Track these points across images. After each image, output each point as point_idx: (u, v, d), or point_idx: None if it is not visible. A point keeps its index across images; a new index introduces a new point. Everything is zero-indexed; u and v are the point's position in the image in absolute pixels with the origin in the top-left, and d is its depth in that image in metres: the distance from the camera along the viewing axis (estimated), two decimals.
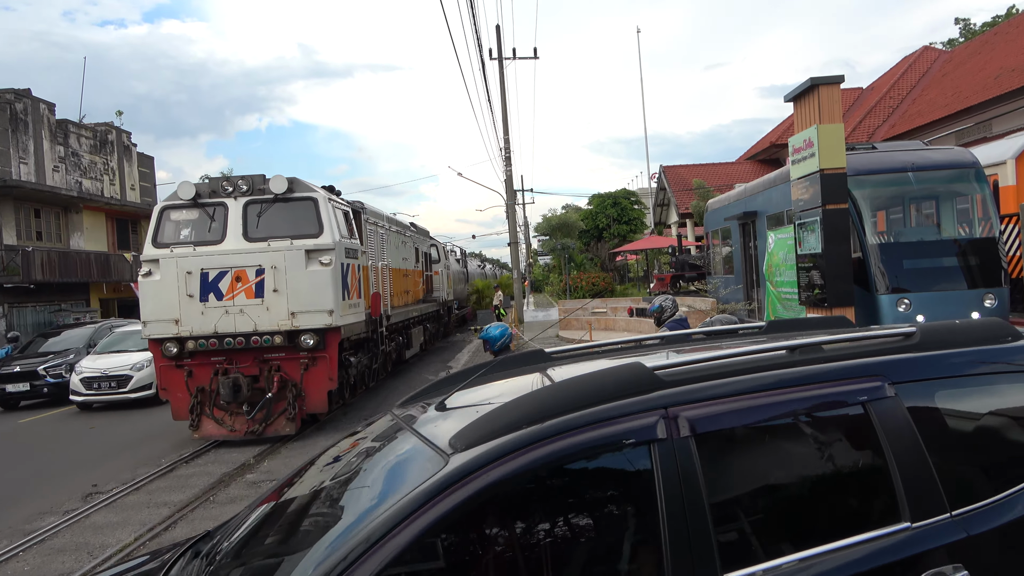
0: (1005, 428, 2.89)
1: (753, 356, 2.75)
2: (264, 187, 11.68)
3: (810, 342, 2.83)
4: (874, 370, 2.70)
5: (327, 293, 11.46)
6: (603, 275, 33.28)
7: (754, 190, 17.52)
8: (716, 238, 21.37)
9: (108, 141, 31.44)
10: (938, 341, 2.87)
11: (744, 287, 18.28)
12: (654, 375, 2.55)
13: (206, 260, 11.43)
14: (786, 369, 2.66)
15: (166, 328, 11.51)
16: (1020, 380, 2.93)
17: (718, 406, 2.52)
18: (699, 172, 39.51)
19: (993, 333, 2.98)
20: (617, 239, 42.19)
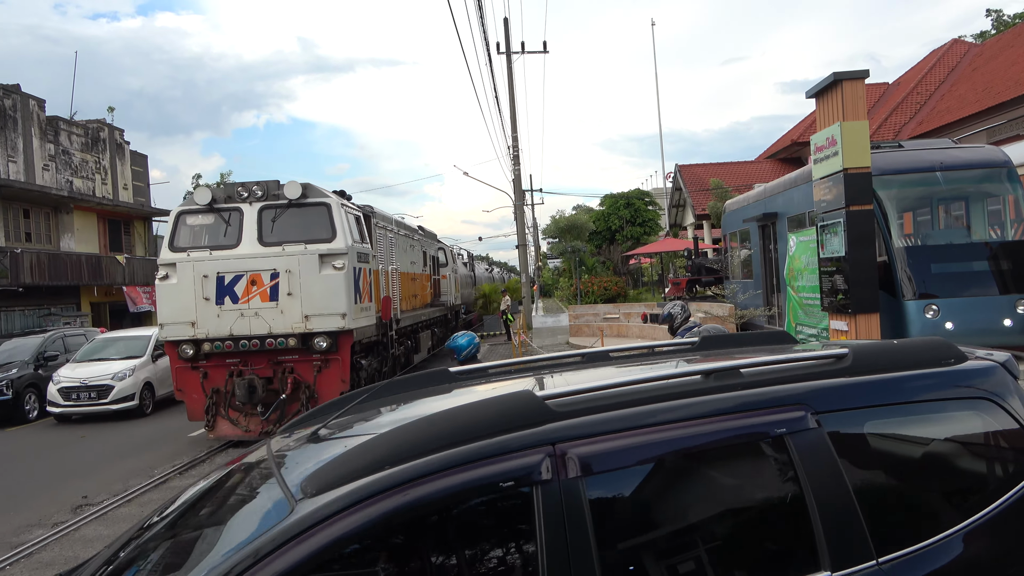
0: (943, 463, 2.74)
1: (663, 383, 2.57)
2: (278, 192, 12.41)
3: (728, 366, 2.66)
4: (796, 398, 2.53)
5: (340, 297, 12.12)
6: (616, 279, 33.25)
7: (774, 190, 17.48)
8: (734, 241, 21.31)
9: (100, 139, 31.64)
10: (871, 364, 2.71)
11: (763, 292, 18.22)
12: (544, 406, 2.35)
13: (222, 264, 12.14)
14: (697, 398, 2.48)
15: (183, 330, 12.19)
16: (961, 408, 2.77)
17: (615, 441, 2.32)
18: (717, 171, 39.45)
19: (934, 355, 2.83)
20: (630, 241, 42.16)
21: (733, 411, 2.47)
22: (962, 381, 2.78)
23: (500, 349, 24.65)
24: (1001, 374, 2.83)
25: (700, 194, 37.57)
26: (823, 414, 2.52)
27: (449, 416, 2.37)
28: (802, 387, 2.58)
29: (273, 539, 2.05)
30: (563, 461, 2.25)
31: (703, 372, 2.63)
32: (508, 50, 29.45)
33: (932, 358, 2.81)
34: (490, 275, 53.67)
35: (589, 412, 2.39)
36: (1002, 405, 2.74)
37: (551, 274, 73.02)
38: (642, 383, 2.55)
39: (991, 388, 2.77)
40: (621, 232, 42.69)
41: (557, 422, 2.33)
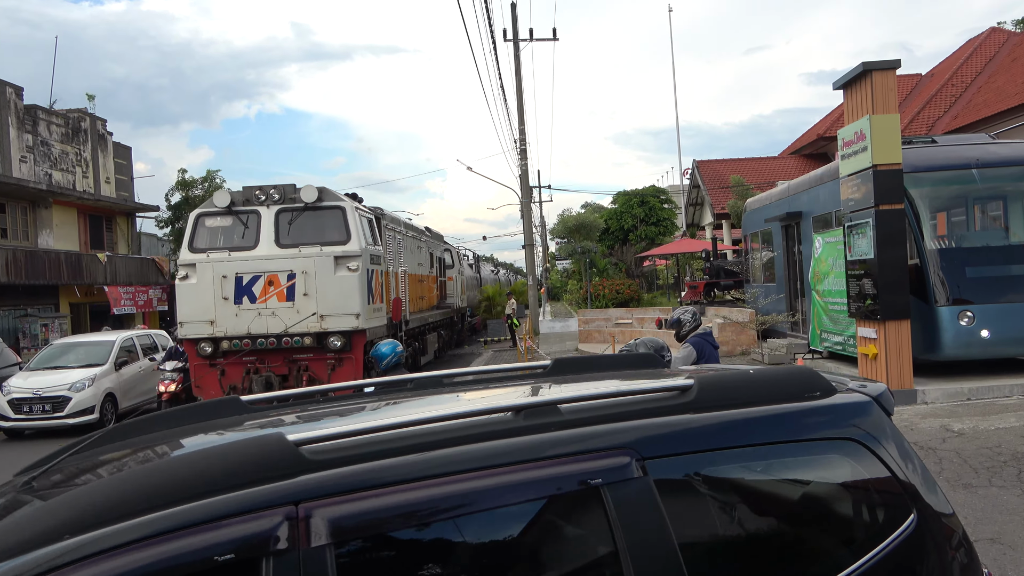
0: (797, 519, 2.53)
1: (461, 423, 2.28)
2: (295, 196, 13.68)
3: (544, 402, 2.39)
4: (619, 441, 2.27)
5: (354, 297, 13.34)
6: (628, 282, 33.27)
7: (799, 188, 17.49)
8: (756, 241, 21.32)
9: (81, 129, 31.80)
10: (718, 399, 2.48)
11: (787, 297, 18.23)
12: (295, 453, 2.02)
13: (240, 265, 13.37)
14: (497, 442, 2.20)
15: (202, 329, 13.39)
16: (824, 451, 2.54)
17: (381, 498, 2.00)
18: (737, 168, 39.45)
19: (795, 387, 2.60)
20: (644, 242, 42.14)
21: (541, 458, 2.18)
22: (825, 419, 2.55)
23: (505, 356, 24.71)
24: (872, 411, 2.62)
25: (719, 192, 37.58)
26: (651, 460, 2.26)
27: (165, 468, 2.04)
28: (628, 428, 2.32)
29: None
30: (307, 525, 1.91)
31: (515, 408, 2.35)
32: (515, 37, 29.52)
33: (792, 391, 2.58)
34: (496, 277, 53.84)
35: (355, 460, 2.06)
36: (871, 448, 2.52)
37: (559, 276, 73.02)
38: (435, 422, 2.24)
39: (860, 427, 2.56)
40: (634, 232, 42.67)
41: (310, 474, 1.99)
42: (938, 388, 11.66)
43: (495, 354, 25.74)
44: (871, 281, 11.58)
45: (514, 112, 31.16)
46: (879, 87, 11.34)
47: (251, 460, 2.00)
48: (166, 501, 1.87)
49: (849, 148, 11.94)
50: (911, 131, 27.12)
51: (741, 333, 19.02)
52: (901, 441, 2.63)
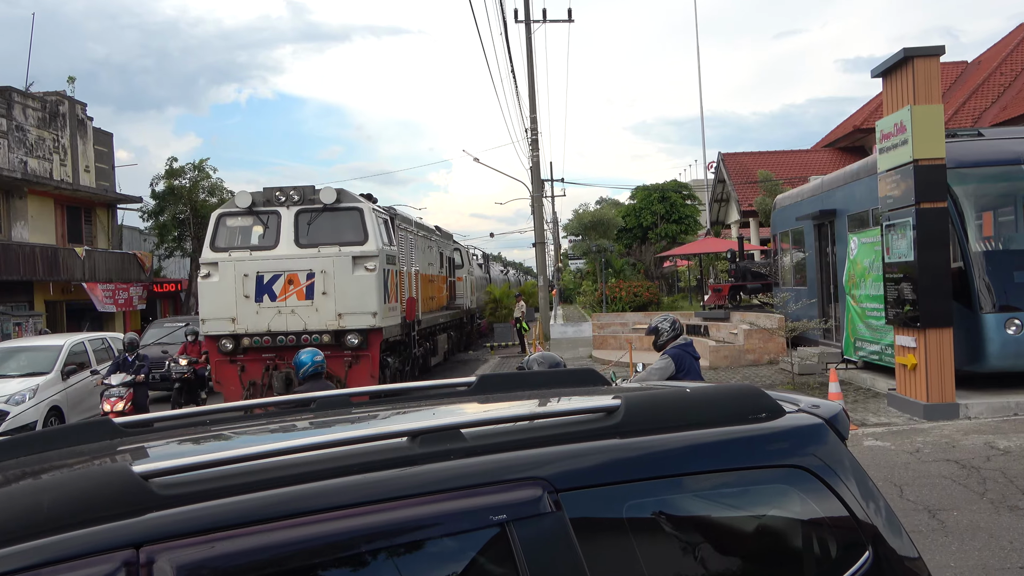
0: (735, 560, 2.41)
1: (348, 450, 2.16)
2: (314, 197, 15.05)
3: (445, 426, 2.27)
4: (529, 471, 2.16)
5: (372, 296, 14.69)
6: (647, 284, 33.27)
7: (833, 184, 17.46)
8: (785, 242, 21.27)
9: (59, 113, 31.98)
10: (648, 421, 2.37)
11: (819, 302, 18.19)
12: (142, 487, 1.88)
13: (261, 264, 14.73)
14: (387, 473, 2.09)
15: (223, 326, 14.73)
16: (768, 481, 2.41)
17: (243, 540, 1.85)
18: (766, 161, 39.39)
19: (736, 408, 2.50)
20: (665, 241, 42.14)
21: (436, 492, 2.05)
22: (771, 444, 2.42)
23: (513, 363, 24.72)
24: (825, 436, 2.50)
25: (747, 187, 37.51)
26: (567, 492, 2.14)
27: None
28: (540, 455, 2.21)
29: None
30: (149, 573, 1.76)
31: (410, 434, 2.21)
32: (528, 18, 29.55)
33: (734, 412, 2.47)
34: (505, 277, 54.11)
35: (213, 495, 1.93)
36: (823, 479, 2.40)
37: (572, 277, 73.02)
38: (316, 450, 2.10)
39: (811, 454, 2.43)
40: (654, 230, 42.68)
41: (158, 512, 1.85)
42: (982, 402, 11.63)
43: (502, 360, 25.78)
44: (910, 285, 11.55)
45: (525, 99, 31.17)
46: (921, 75, 11.32)
47: (85, 496, 1.84)
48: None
49: (888, 141, 11.92)
50: (955, 123, 27.04)
51: (769, 340, 19.00)
52: (861, 473, 2.50)
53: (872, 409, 12.61)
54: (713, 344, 20.09)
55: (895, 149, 11.71)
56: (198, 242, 35.39)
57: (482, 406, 3.11)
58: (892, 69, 11.83)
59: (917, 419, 11.53)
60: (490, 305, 35.35)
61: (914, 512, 7.37)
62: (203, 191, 36.19)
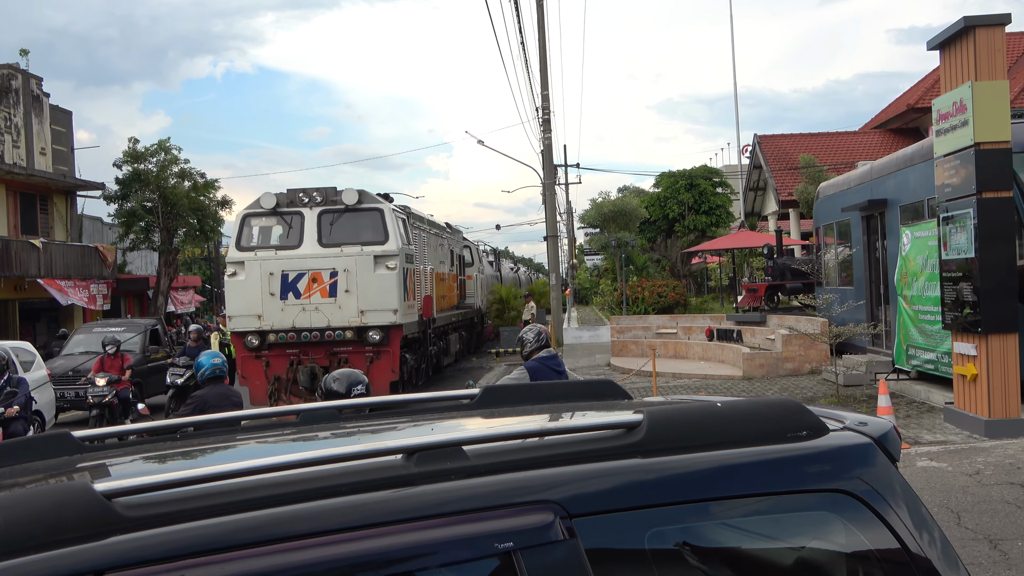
0: None
1: (337, 468, 2.16)
2: (336, 199, 17.42)
3: (445, 442, 2.27)
4: (541, 493, 2.16)
5: (392, 294, 17.07)
6: (673, 283, 33.21)
7: (883, 171, 17.43)
8: (830, 235, 21.23)
9: (11, 89, 32.10)
10: (673, 439, 2.36)
11: (867, 303, 18.16)
12: (105, 508, 1.89)
13: (286, 263, 17.10)
14: (381, 494, 2.10)
15: (250, 323, 17.11)
16: (808, 508, 2.40)
17: (217, 567, 1.87)
18: (808, 144, 39.32)
19: (773, 424, 2.48)
20: (693, 234, 42.07)
21: (435, 516, 2.05)
22: (813, 466, 2.41)
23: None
24: (874, 457, 2.47)
25: (786, 174, 37.46)
26: (581, 518, 2.14)
27: None
28: (551, 476, 2.21)
29: None
30: None
31: (407, 451, 2.22)
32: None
33: (771, 430, 2.45)
34: (515, 275, 54.36)
35: (184, 517, 1.94)
36: (871, 505, 2.37)
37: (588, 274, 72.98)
38: (301, 467, 2.12)
39: (858, 478, 2.40)
40: (681, 222, 42.60)
41: (123, 535, 1.86)
42: None
43: (508, 368, 25.78)
44: (970, 285, 11.52)
45: (536, 74, 31.21)
46: (984, 47, 11.28)
47: (40, 518, 1.83)
48: None
49: (946, 122, 11.89)
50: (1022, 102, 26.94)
51: (810, 347, 18.97)
52: (913, 499, 2.47)
53: (927, 425, 12.59)
54: (747, 351, 20.07)
55: (954, 131, 11.68)
56: (168, 233, 35.50)
57: (486, 421, 3.12)
58: (951, 41, 11.79)
59: (977, 437, 11.50)
60: (496, 306, 35.31)
61: (973, 542, 7.35)
62: (173, 176, 36.15)
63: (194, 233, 37.60)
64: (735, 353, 20.65)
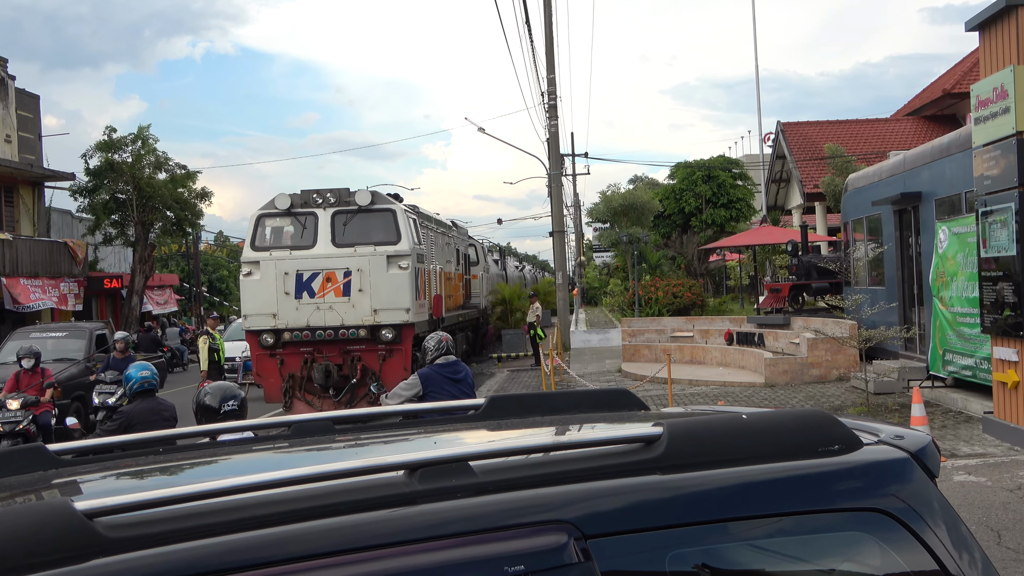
0: None
1: (334, 485, 2.18)
2: (349, 199, 18.92)
3: (449, 457, 2.28)
4: (553, 512, 2.16)
5: (405, 293, 18.59)
6: (689, 282, 33.22)
7: (917, 161, 17.42)
8: (859, 231, 21.21)
9: None
10: (696, 454, 2.37)
11: (900, 305, 18.15)
12: (87, 528, 1.89)
13: (301, 263, 18.53)
14: (380, 513, 2.11)
15: (264, 321, 18.55)
16: (841, 528, 2.40)
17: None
18: (836, 132, 39.32)
19: (802, 437, 2.49)
20: (711, 229, 42.09)
21: (439, 537, 2.05)
22: (845, 483, 2.41)
23: (525, 378, 24.75)
24: (911, 472, 2.47)
25: (812, 164, 37.45)
26: (597, 539, 2.14)
27: None
28: (565, 494, 2.21)
29: None
30: None
31: (409, 466, 2.23)
32: None
33: (800, 443, 2.46)
34: (520, 273, 54.61)
35: (170, 539, 1.94)
36: (906, 524, 2.37)
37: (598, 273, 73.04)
38: (295, 485, 2.14)
39: (894, 495, 2.40)
40: (698, 216, 42.64)
41: (106, 557, 1.86)
42: None
43: (511, 375, 25.81)
44: (1012, 286, 11.52)
45: (542, 56, 31.20)
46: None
47: (15, 539, 1.82)
48: None
49: (985, 109, 11.89)
50: None
51: (838, 352, 18.97)
52: (952, 517, 2.47)
53: (964, 437, 12.60)
54: (770, 356, 20.08)
55: (994, 119, 11.67)
56: (143, 228, 35.51)
57: (493, 433, 3.13)
58: (991, 21, 11.79)
59: (1019, 449, 11.51)
60: (498, 307, 35.24)
61: (1015, 563, 7.36)
62: (148, 166, 36.11)
63: (171, 227, 37.65)
64: (756, 358, 20.66)
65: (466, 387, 8.68)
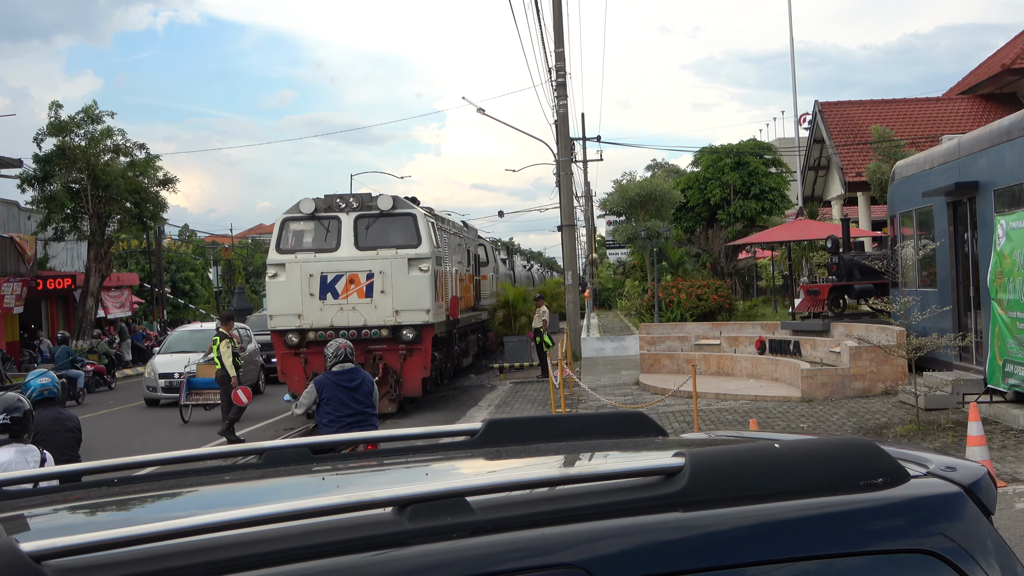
0: None
1: (312, 524, 2.16)
2: (371, 204, 22.16)
3: (447, 491, 2.28)
4: (562, 555, 2.17)
5: (425, 295, 21.64)
6: (716, 283, 33.24)
7: (974, 147, 17.39)
8: (908, 225, 21.19)
9: None
10: (722, 488, 2.36)
11: (954, 309, 18.12)
12: (34, 571, 1.88)
13: (325, 265, 21.61)
14: (364, 556, 2.10)
15: (290, 321, 21.68)
16: (888, 572, 2.38)
17: None
18: (881, 113, 39.30)
19: (843, 469, 2.48)
20: (740, 223, 42.13)
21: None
22: (891, 521, 2.39)
23: (531, 392, 24.72)
24: (963, 509, 2.47)
25: (854, 150, 37.45)
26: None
27: None
28: (573, 534, 2.21)
29: None
30: None
31: (398, 502, 2.21)
32: None
33: (839, 476, 2.44)
34: (528, 273, 54.87)
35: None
36: (957, 566, 2.35)
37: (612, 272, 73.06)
38: (269, 523, 2.11)
39: (944, 535, 2.39)
40: (726, 208, 42.67)
41: None
42: None
43: (515, 388, 25.79)
44: None
45: (549, 27, 31.22)
46: None
47: None
48: None
49: None
50: None
51: (884, 362, 18.95)
52: (1009, 558, 2.48)
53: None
54: (807, 367, 20.07)
55: None
56: (99, 221, 35.48)
57: (493, 463, 3.13)
58: None
59: None
60: (500, 311, 35.15)
61: None
62: (106, 151, 35.96)
63: (131, 220, 37.56)
64: (792, 369, 20.66)
65: (361, 395, 10.05)
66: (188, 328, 32.71)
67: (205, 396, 22.49)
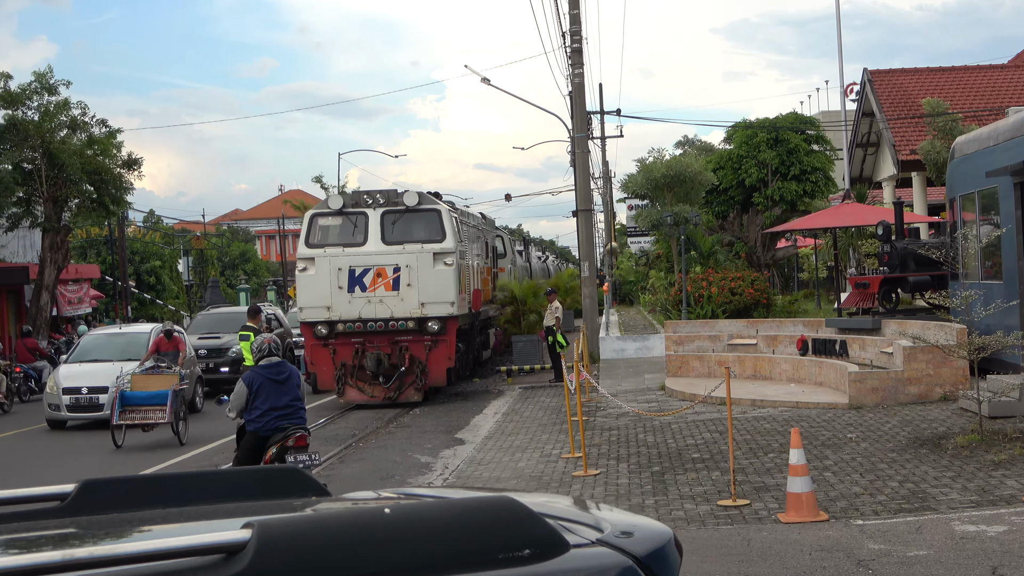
0: None
1: None
2: (398, 200, 25.57)
3: None
4: None
5: (450, 288, 24.96)
6: (751, 275, 33.25)
7: None
8: (969, 209, 21.16)
9: None
10: (295, 566, 2.24)
11: (1022, 304, 18.09)
12: None
13: (353, 259, 25.00)
14: None
15: (319, 313, 25.16)
16: None
17: None
18: (938, 83, 39.25)
19: (478, 539, 2.35)
20: (780, 208, 42.08)
21: None
22: None
23: (543, 398, 24.68)
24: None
25: (908, 124, 37.40)
26: None
27: None
28: None
29: None
30: None
31: None
32: None
33: (472, 547, 2.32)
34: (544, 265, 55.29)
35: None
36: None
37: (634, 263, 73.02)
38: None
39: None
40: (763, 191, 42.59)
41: None
42: None
43: (524, 394, 25.77)
44: None
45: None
46: None
47: None
48: None
49: None
50: None
51: (942, 364, 18.89)
52: None
53: None
54: (855, 369, 20.03)
55: None
56: (55, 205, 35.50)
57: (56, 544, 2.95)
58: None
59: None
60: (508, 308, 35.05)
61: None
62: (63, 126, 35.92)
63: (91, 205, 37.54)
64: (838, 372, 20.63)
65: (291, 388, 11.62)
66: (106, 331, 30.31)
67: (144, 414, 20.29)
